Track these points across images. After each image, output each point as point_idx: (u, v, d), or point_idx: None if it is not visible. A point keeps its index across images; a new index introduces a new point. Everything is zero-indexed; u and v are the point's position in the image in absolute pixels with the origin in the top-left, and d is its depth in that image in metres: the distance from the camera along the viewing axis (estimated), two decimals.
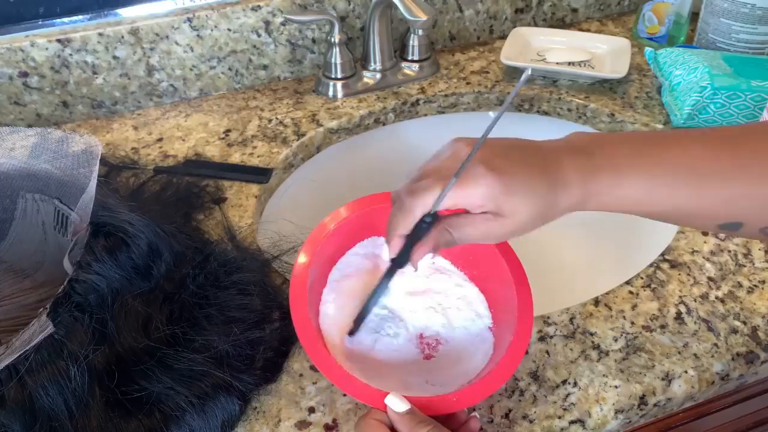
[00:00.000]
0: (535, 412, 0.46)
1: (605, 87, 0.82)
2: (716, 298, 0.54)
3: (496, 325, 0.49)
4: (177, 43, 0.79)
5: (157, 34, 0.77)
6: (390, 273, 0.46)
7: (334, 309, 0.50)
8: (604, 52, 0.86)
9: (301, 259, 0.47)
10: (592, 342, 0.51)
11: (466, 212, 0.41)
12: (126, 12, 0.77)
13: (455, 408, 0.41)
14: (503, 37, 0.92)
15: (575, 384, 0.48)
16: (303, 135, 0.76)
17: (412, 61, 0.85)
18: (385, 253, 0.44)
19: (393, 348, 0.48)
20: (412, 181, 0.42)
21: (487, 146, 0.41)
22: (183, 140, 0.76)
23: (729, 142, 0.40)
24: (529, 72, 0.37)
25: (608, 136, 0.42)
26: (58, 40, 0.74)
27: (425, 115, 0.85)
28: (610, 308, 0.53)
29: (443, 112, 0.85)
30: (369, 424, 0.40)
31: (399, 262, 0.44)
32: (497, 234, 0.41)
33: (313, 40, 0.85)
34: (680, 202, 0.40)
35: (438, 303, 0.50)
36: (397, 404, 0.40)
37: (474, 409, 0.46)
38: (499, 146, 0.41)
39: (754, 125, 0.41)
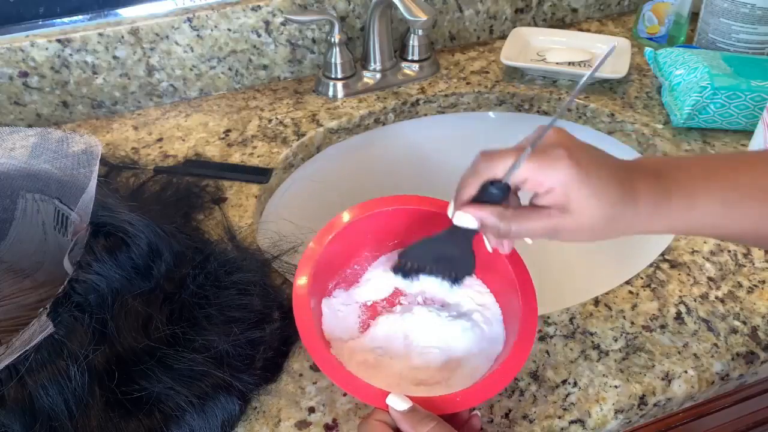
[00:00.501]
0: (535, 412, 0.46)
1: (605, 87, 0.82)
2: (716, 298, 0.54)
3: (504, 327, 0.49)
4: (177, 43, 0.79)
5: (157, 34, 0.77)
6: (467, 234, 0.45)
7: (338, 306, 0.50)
8: (604, 52, 0.86)
9: (307, 256, 0.48)
10: (592, 342, 0.51)
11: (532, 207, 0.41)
12: (126, 12, 0.77)
13: (458, 408, 0.41)
14: (503, 37, 0.92)
15: (575, 384, 0.48)
16: (303, 135, 0.76)
17: (412, 61, 0.85)
18: (449, 210, 0.44)
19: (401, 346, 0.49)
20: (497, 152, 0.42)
21: (574, 138, 0.40)
22: (183, 140, 0.76)
23: None
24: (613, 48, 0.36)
25: (679, 160, 0.43)
26: (58, 40, 0.74)
27: (425, 115, 0.85)
28: (610, 308, 0.53)
29: (443, 112, 0.85)
30: (372, 425, 0.39)
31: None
32: (558, 232, 0.40)
33: (313, 40, 0.85)
34: (754, 224, 0.40)
35: (455, 311, 0.51)
36: (398, 403, 0.39)
37: (474, 408, 0.46)
38: (581, 143, 0.41)
39: None
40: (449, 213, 0.44)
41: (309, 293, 0.46)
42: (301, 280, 0.47)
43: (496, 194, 0.41)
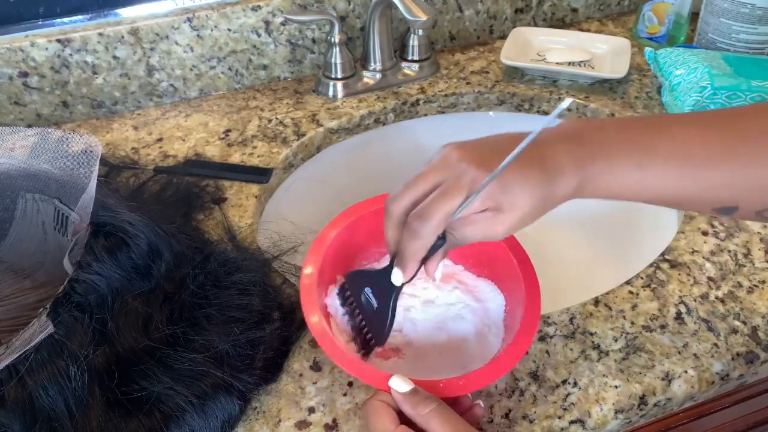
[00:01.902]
0: (535, 412, 0.46)
1: (605, 87, 0.82)
2: (716, 298, 0.54)
3: (507, 316, 0.50)
4: (177, 43, 0.79)
5: (157, 34, 0.77)
6: (398, 293, 0.45)
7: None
8: (604, 52, 0.86)
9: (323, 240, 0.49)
10: (592, 342, 0.51)
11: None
12: (126, 12, 0.77)
13: (460, 391, 0.41)
14: (503, 37, 0.92)
15: (575, 384, 0.48)
16: (303, 135, 0.76)
17: (412, 61, 0.85)
18: (396, 278, 0.44)
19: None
20: (409, 196, 0.41)
21: (477, 148, 0.41)
22: (183, 140, 0.76)
23: (719, 127, 0.40)
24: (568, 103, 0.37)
25: (599, 123, 0.42)
26: (58, 40, 0.74)
27: (425, 115, 0.85)
28: (610, 308, 0.53)
29: (443, 112, 0.85)
30: (374, 405, 0.40)
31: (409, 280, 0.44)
32: (499, 230, 0.40)
33: (313, 40, 0.85)
34: (673, 187, 0.40)
35: (453, 300, 0.51)
36: (400, 385, 0.40)
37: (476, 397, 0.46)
38: (488, 146, 0.41)
39: (745, 108, 0.41)
40: (398, 281, 0.44)
41: (317, 282, 0.47)
42: (308, 269, 0.48)
43: (440, 242, 0.42)
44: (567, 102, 0.36)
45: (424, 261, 0.43)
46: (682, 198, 0.40)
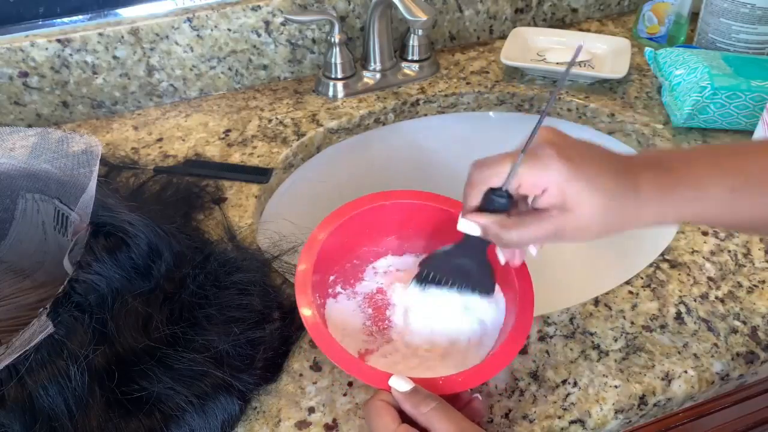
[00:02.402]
0: (535, 412, 0.46)
1: (605, 87, 0.82)
2: (716, 298, 0.54)
3: (503, 315, 0.50)
4: (177, 43, 0.79)
5: (157, 34, 0.77)
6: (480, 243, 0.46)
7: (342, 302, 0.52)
8: (604, 52, 0.86)
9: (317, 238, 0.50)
10: (592, 342, 0.51)
11: (533, 211, 0.41)
12: (126, 12, 0.77)
13: (460, 388, 0.42)
14: (503, 37, 0.92)
15: (575, 384, 0.48)
16: (303, 135, 0.76)
17: (412, 61, 0.85)
18: (463, 226, 0.44)
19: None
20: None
21: (563, 136, 0.40)
22: (183, 140, 0.76)
23: None
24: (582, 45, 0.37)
25: (683, 151, 0.42)
26: (58, 40, 0.74)
27: (425, 115, 0.85)
28: (610, 308, 0.53)
29: (443, 112, 0.85)
30: (376, 405, 0.40)
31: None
32: (559, 233, 0.40)
33: (313, 40, 0.85)
34: (764, 212, 0.40)
35: (451, 300, 0.51)
36: (400, 384, 0.40)
37: (475, 391, 0.46)
38: (572, 139, 0.41)
39: None
40: (460, 227, 0.44)
41: (311, 281, 0.47)
42: (302, 266, 0.48)
43: (501, 203, 0.41)
44: (579, 46, 0.36)
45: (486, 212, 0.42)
46: None
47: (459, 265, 0.48)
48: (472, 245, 0.46)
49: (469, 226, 0.43)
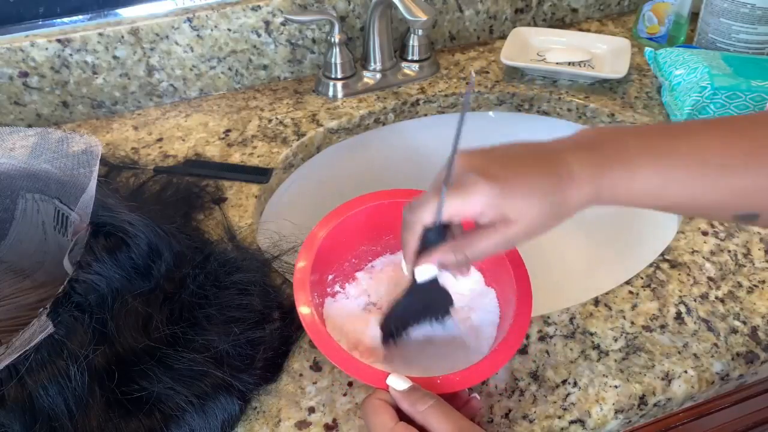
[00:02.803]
0: (535, 412, 0.46)
1: (605, 87, 0.82)
2: (716, 298, 0.54)
3: (500, 313, 0.51)
4: (177, 43, 0.79)
5: (157, 34, 0.77)
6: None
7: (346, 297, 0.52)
8: (604, 52, 0.86)
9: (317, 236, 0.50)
10: (592, 342, 0.51)
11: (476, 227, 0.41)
12: (126, 12, 0.77)
13: (457, 387, 0.42)
14: (503, 37, 0.92)
15: (575, 384, 0.48)
16: (303, 135, 0.76)
17: (412, 61, 0.85)
18: (404, 269, 0.45)
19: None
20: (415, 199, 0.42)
21: (483, 155, 0.41)
22: (183, 140, 0.76)
23: (740, 133, 0.39)
24: (473, 77, 0.37)
25: (616, 130, 0.42)
26: (58, 40, 0.74)
27: (425, 115, 0.85)
28: (610, 308, 0.53)
29: (443, 112, 0.85)
30: (373, 403, 0.40)
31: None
32: (510, 241, 0.40)
33: (313, 40, 0.85)
34: (694, 194, 0.39)
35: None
36: (398, 383, 0.40)
37: (473, 390, 0.46)
38: (495, 153, 0.41)
39: (763, 114, 0.40)
40: (406, 272, 0.45)
41: (309, 280, 0.47)
42: (301, 263, 0.48)
43: (436, 238, 0.42)
44: (472, 76, 0.36)
45: (425, 255, 0.43)
46: (702, 204, 0.40)
47: (417, 305, 0.48)
48: (424, 283, 0.45)
49: (426, 270, 0.43)
